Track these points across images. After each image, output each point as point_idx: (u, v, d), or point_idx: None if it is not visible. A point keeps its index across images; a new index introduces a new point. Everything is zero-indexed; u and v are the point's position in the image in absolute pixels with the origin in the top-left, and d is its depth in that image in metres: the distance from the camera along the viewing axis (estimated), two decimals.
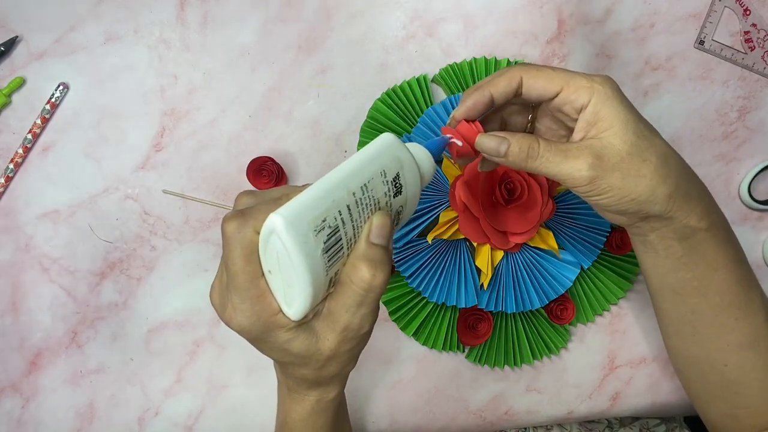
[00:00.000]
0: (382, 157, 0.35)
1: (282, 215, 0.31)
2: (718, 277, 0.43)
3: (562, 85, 0.40)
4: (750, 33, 0.60)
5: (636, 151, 0.39)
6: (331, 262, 0.33)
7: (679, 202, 0.40)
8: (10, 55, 0.59)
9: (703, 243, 0.42)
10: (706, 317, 0.44)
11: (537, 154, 0.40)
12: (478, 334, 0.58)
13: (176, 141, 0.59)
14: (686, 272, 0.43)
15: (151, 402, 0.60)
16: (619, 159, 0.39)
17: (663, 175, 0.39)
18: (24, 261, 0.59)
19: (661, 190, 0.39)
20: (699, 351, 0.46)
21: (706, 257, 0.43)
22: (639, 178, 0.39)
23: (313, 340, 0.37)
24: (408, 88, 0.58)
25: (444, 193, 0.56)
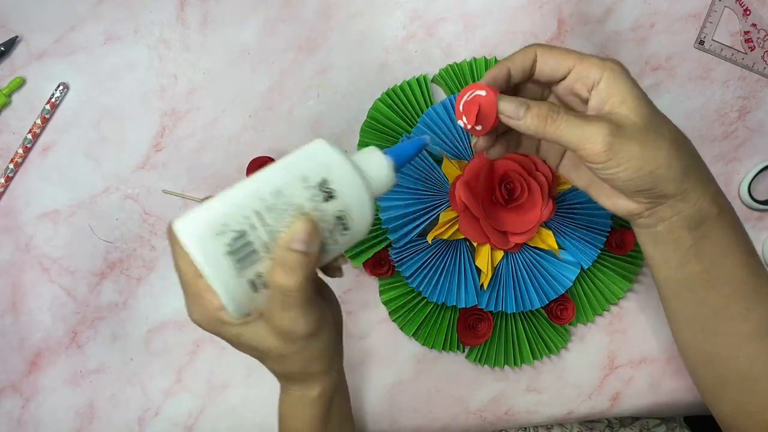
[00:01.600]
0: (302, 163, 0.36)
1: (180, 221, 0.34)
2: (729, 265, 0.42)
3: (575, 62, 0.41)
4: (750, 33, 0.60)
5: (651, 125, 0.39)
6: (243, 264, 0.35)
7: (693, 181, 0.40)
8: (10, 55, 0.59)
9: (714, 229, 0.41)
10: (715, 309, 0.44)
11: (557, 117, 0.39)
12: (478, 334, 0.58)
13: (176, 141, 0.59)
14: (695, 264, 0.42)
15: (151, 402, 0.60)
16: (636, 130, 0.38)
17: (677, 151, 0.39)
18: (24, 261, 0.59)
19: (676, 165, 0.39)
20: (709, 344, 0.45)
21: (717, 244, 0.42)
22: (656, 150, 0.38)
23: (258, 337, 0.39)
24: (408, 88, 0.58)
25: (444, 193, 0.56)
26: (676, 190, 0.40)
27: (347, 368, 0.60)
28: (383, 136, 0.57)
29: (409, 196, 0.56)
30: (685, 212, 0.41)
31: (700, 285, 0.43)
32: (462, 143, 0.56)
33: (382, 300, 0.59)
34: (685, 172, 0.39)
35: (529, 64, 0.42)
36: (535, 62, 0.42)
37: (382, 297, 0.59)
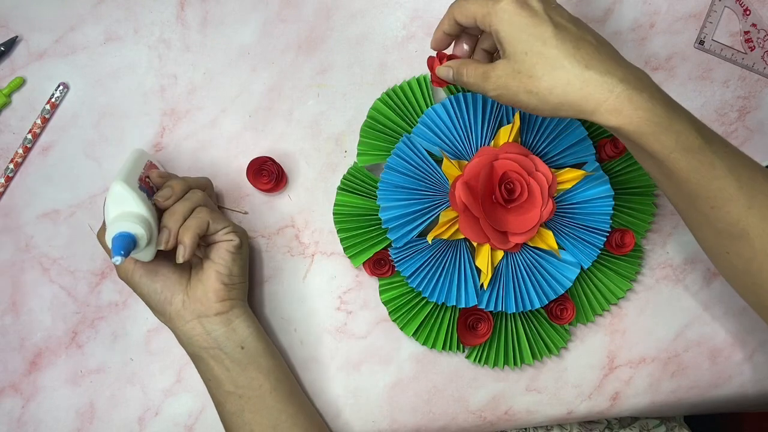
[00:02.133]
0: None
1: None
2: (668, 169, 0.42)
3: (473, 15, 0.44)
4: (750, 33, 0.60)
5: (524, 69, 0.41)
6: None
7: (576, 107, 0.41)
8: (10, 55, 0.59)
9: (631, 137, 0.41)
10: (687, 205, 0.44)
11: (464, 74, 0.46)
12: (478, 334, 0.58)
13: (176, 141, 0.59)
14: (644, 161, 0.43)
15: (151, 402, 0.60)
16: (512, 78, 0.42)
17: (549, 87, 0.41)
18: (24, 261, 0.59)
19: (551, 100, 0.41)
20: (702, 238, 0.46)
21: (644, 149, 0.42)
22: (529, 94, 0.42)
23: None
24: (408, 88, 0.58)
25: (444, 193, 0.56)
26: (566, 116, 0.42)
27: (348, 367, 0.60)
28: (383, 136, 0.58)
29: (409, 196, 0.56)
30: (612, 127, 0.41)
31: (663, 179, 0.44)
32: (462, 143, 0.56)
33: (382, 300, 0.59)
34: (559, 105, 0.41)
35: (453, 23, 0.46)
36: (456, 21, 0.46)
37: (382, 297, 0.59)
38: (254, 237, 0.60)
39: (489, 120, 0.56)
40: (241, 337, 0.54)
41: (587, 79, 0.40)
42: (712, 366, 0.61)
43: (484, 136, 0.56)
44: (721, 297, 0.61)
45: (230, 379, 0.53)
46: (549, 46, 0.41)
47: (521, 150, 0.55)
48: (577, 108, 0.41)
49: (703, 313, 0.61)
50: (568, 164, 0.56)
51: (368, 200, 0.58)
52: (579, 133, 0.56)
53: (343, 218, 0.58)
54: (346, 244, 0.58)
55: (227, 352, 0.53)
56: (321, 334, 0.60)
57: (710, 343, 0.61)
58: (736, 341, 0.61)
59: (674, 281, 0.61)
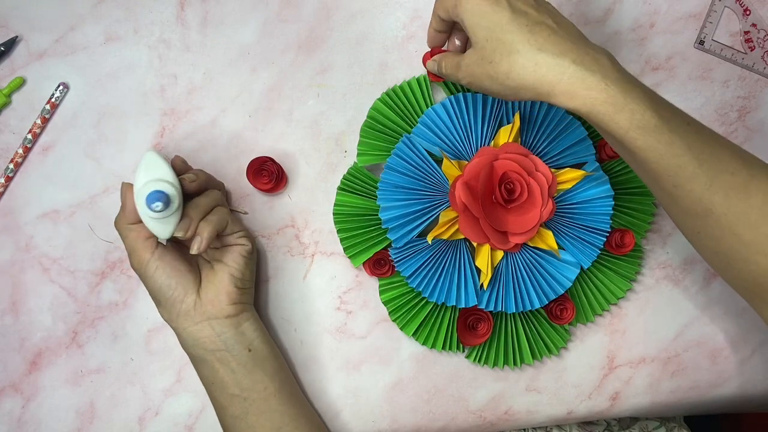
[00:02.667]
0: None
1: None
2: (627, 149, 0.42)
3: (446, 9, 0.46)
4: (750, 33, 0.60)
5: (485, 55, 0.43)
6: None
7: (533, 90, 0.42)
8: (10, 55, 0.59)
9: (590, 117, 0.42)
10: (653, 186, 0.44)
11: (443, 66, 0.49)
12: (478, 334, 0.58)
13: (176, 141, 0.59)
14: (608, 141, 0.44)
15: (151, 402, 0.60)
16: (476, 66, 0.44)
17: (506, 72, 0.42)
18: (24, 261, 0.59)
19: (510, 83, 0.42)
20: (674, 218, 0.46)
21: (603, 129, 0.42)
22: (491, 80, 0.43)
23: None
24: (408, 88, 0.58)
25: (444, 193, 0.56)
26: (527, 99, 0.43)
27: (348, 367, 0.60)
28: (383, 136, 0.58)
29: (409, 196, 0.56)
30: (569, 108, 0.42)
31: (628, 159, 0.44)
32: (462, 143, 0.56)
33: (382, 300, 0.59)
34: (517, 88, 0.42)
35: (439, 18, 0.48)
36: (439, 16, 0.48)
37: (382, 297, 0.59)
38: (254, 237, 0.60)
39: (489, 120, 0.56)
40: (249, 340, 0.54)
41: (539, 61, 0.41)
42: (712, 366, 0.61)
43: (484, 136, 0.56)
44: (721, 297, 0.61)
45: (235, 381, 0.53)
46: (505, 32, 0.42)
47: (521, 150, 0.55)
48: (533, 91, 0.42)
49: (703, 313, 0.61)
50: (568, 164, 0.56)
51: (368, 200, 0.58)
52: (579, 133, 0.56)
53: (343, 218, 0.58)
54: (346, 244, 0.58)
55: (234, 354, 0.53)
56: (321, 334, 0.60)
57: (710, 343, 0.61)
58: (736, 341, 0.61)
59: (674, 281, 0.61)
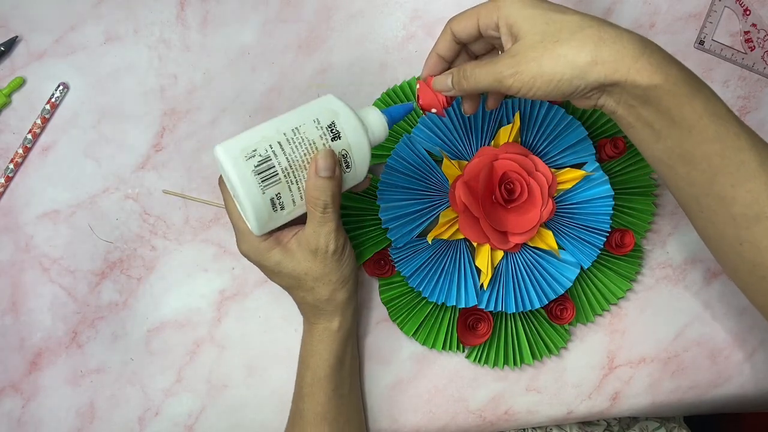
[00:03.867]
0: (315, 108, 0.45)
1: (219, 145, 0.44)
2: (695, 139, 0.40)
3: (476, 16, 0.43)
4: (750, 33, 0.60)
5: (547, 37, 0.40)
6: (266, 183, 0.44)
7: (610, 65, 0.39)
8: (10, 55, 0.59)
9: (663, 101, 0.39)
10: (702, 188, 0.41)
11: (467, 75, 0.44)
12: (478, 334, 0.58)
13: (176, 141, 0.59)
14: (666, 140, 0.41)
15: (151, 402, 0.60)
16: (530, 49, 0.40)
17: (578, 47, 0.39)
18: (24, 261, 0.59)
19: (581, 60, 0.39)
20: (712, 229, 0.43)
21: (672, 116, 0.39)
22: (555, 59, 0.39)
23: (297, 262, 0.48)
24: (408, 88, 0.58)
25: (444, 193, 0.56)
26: (598, 80, 0.39)
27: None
28: None
29: (409, 196, 0.56)
30: (627, 92, 0.40)
31: (678, 161, 0.41)
32: (462, 143, 0.56)
33: (382, 300, 0.59)
34: (594, 61, 0.39)
35: (450, 39, 0.46)
36: (455, 34, 0.45)
37: (382, 297, 0.59)
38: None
39: (489, 120, 0.56)
40: None
41: (620, 34, 0.39)
42: (712, 366, 0.61)
43: (484, 136, 0.56)
44: (721, 297, 0.61)
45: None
46: (570, 14, 0.40)
47: (521, 150, 0.55)
48: (612, 65, 0.39)
49: (703, 313, 0.61)
50: (568, 164, 0.56)
51: (368, 200, 0.58)
52: (579, 133, 0.56)
53: (343, 218, 0.58)
54: None
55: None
56: None
57: (710, 343, 0.61)
58: (736, 341, 0.61)
59: (674, 281, 0.61)
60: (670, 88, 0.39)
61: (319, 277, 0.49)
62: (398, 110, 0.48)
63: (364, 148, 0.46)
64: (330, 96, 0.46)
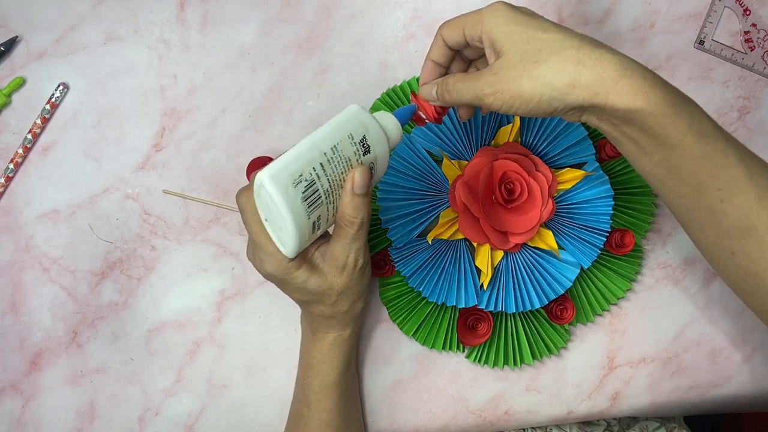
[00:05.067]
0: (349, 123, 0.44)
1: (266, 172, 0.41)
2: (680, 156, 0.39)
3: (462, 26, 0.43)
4: (750, 33, 0.60)
5: (526, 57, 0.39)
6: (311, 208, 0.43)
7: (589, 89, 0.39)
8: (10, 55, 0.59)
9: (646, 122, 0.39)
10: (692, 202, 0.41)
11: (450, 88, 0.44)
12: (478, 334, 0.58)
13: (176, 141, 0.59)
14: (652, 155, 0.41)
15: (151, 402, 0.60)
16: (513, 70, 0.40)
17: (557, 69, 0.39)
18: (24, 261, 0.59)
19: (559, 82, 0.39)
20: (704, 239, 0.43)
21: (656, 135, 0.39)
22: (534, 80, 0.39)
23: (323, 278, 0.48)
24: (408, 88, 0.58)
25: (444, 193, 0.56)
26: (577, 102, 0.39)
27: None
28: None
29: (409, 196, 0.56)
30: (605, 114, 0.39)
31: (666, 175, 0.41)
32: (462, 143, 0.56)
33: (382, 300, 0.59)
34: (572, 84, 0.39)
35: (442, 45, 0.46)
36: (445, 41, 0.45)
37: (382, 297, 0.59)
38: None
39: (489, 120, 0.56)
40: None
41: (600, 57, 0.39)
42: (712, 366, 0.61)
43: (484, 136, 0.56)
44: (721, 297, 0.61)
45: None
46: (551, 32, 0.40)
47: (521, 150, 0.55)
48: (590, 89, 0.39)
49: (703, 313, 0.61)
50: (568, 164, 0.56)
51: None
52: (579, 133, 0.56)
53: None
54: None
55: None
56: None
57: (710, 343, 0.61)
58: (735, 341, 0.61)
59: (674, 281, 0.61)
60: (652, 110, 0.38)
61: (344, 291, 0.49)
62: (405, 113, 0.48)
63: (386, 157, 0.46)
64: (356, 107, 0.45)
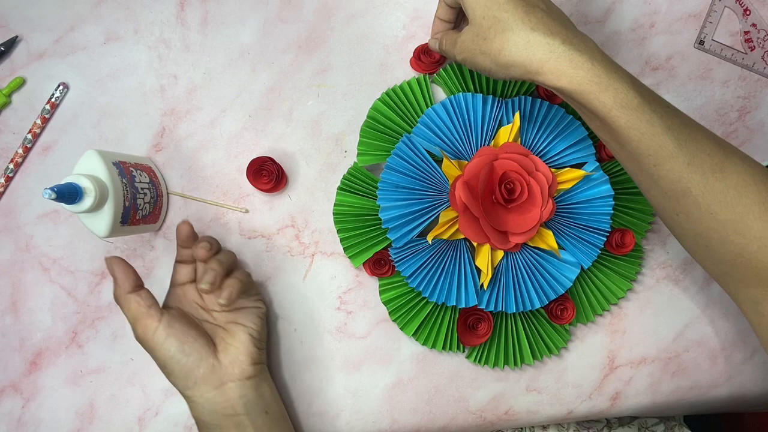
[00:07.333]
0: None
1: None
2: (611, 127, 0.43)
3: None
4: (750, 33, 0.60)
5: (480, 32, 0.45)
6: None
7: (523, 68, 0.43)
8: (10, 55, 0.59)
9: (573, 98, 0.43)
10: (634, 165, 0.45)
11: (443, 42, 0.50)
12: (478, 334, 0.58)
13: (176, 141, 0.59)
14: (592, 121, 0.44)
15: (151, 402, 0.60)
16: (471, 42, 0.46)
17: (498, 48, 0.44)
18: (24, 261, 0.59)
19: (501, 59, 0.44)
20: (653, 201, 0.46)
21: (587, 108, 0.43)
22: (484, 55, 0.45)
23: None
24: (408, 88, 0.58)
25: (444, 193, 0.56)
26: (516, 77, 0.45)
27: (348, 367, 0.60)
28: (383, 136, 0.58)
29: (409, 196, 0.56)
30: (556, 87, 0.43)
31: (610, 139, 0.44)
32: (462, 143, 0.56)
33: (382, 300, 0.59)
34: (507, 66, 0.44)
35: (444, 3, 0.51)
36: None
37: (382, 297, 0.59)
38: (254, 237, 0.60)
39: (489, 120, 0.56)
40: (267, 402, 0.53)
41: (531, 40, 0.43)
42: (712, 366, 0.61)
43: (484, 136, 0.56)
44: (721, 297, 0.61)
45: None
46: (502, 10, 0.44)
47: (521, 150, 0.55)
48: (523, 68, 0.43)
49: (703, 313, 0.61)
50: (568, 164, 0.56)
51: (368, 200, 0.58)
52: (579, 133, 0.56)
53: (343, 218, 0.58)
54: (346, 244, 0.58)
55: (252, 418, 0.51)
56: (321, 334, 0.60)
57: (710, 343, 0.61)
58: (736, 341, 0.61)
59: (674, 281, 0.61)
60: (575, 88, 0.42)
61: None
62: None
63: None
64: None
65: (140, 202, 0.54)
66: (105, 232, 0.50)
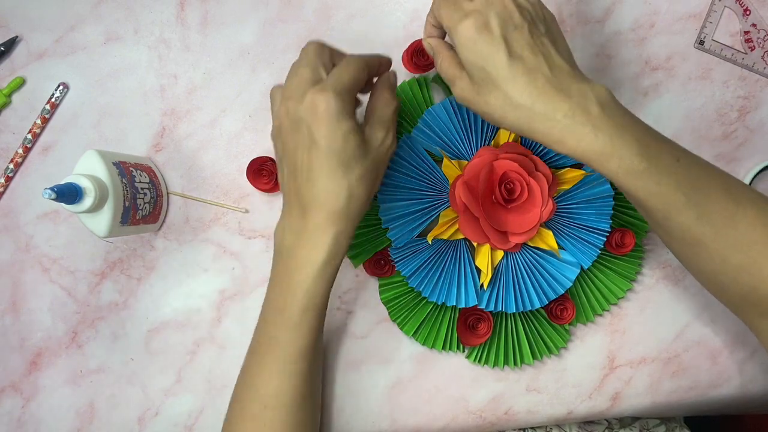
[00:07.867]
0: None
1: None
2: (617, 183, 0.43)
3: (441, 24, 0.45)
4: (750, 33, 0.60)
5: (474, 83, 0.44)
6: None
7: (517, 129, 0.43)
8: (10, 55, 0.59)
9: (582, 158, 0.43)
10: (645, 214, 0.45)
11: (439, 64, 0.47)
12: (478, 334, 0.58)
13: (176, 141, 0.59)
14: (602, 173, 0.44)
15: (151, 402, 0.60)
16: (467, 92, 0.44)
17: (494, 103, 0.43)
18: (24, 261, 0.59)
19: (495, 115, 0.43)
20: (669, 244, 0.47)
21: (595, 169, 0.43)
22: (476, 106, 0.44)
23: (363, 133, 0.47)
24: (408, 88, 0.58)
25: (444, 193, 0.56)
26: (524, 135, 0.44)
27: (348, 367, 0.60)
28: None
29: (409, 196, 0.56)
30: (559, 153, 0.43)
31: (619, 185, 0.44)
32: (462, 143, 0.56)
33: (382, 300, 0.59)
34: (502, 119, 0.43)
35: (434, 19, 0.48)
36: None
37: (382, 297, 0.59)
38: (254, 237, 0.60)
39: None
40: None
41: (533, 116, 0.42)
42: (712, 366, 0.61)
43: (484, 136, 0.56)
44: None
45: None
46: (500, 74, 0.42)
47: (521, 150, 0.55)
48: (522, 133, 0.44)
49: (704, 313, 0.61)
50: (568, 164, 0.56)
51: None
52: None
53: None
54: None
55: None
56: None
57: (710, 343, 0.61)
58: (736, 341, 0.61)
59: (674, 281, 0.61)
60: (579, 156, 0.42)
61: (373, 160, 0.48)
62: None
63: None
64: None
65: (140, 202, 0.54)
66: (105, 232, 0.50)
